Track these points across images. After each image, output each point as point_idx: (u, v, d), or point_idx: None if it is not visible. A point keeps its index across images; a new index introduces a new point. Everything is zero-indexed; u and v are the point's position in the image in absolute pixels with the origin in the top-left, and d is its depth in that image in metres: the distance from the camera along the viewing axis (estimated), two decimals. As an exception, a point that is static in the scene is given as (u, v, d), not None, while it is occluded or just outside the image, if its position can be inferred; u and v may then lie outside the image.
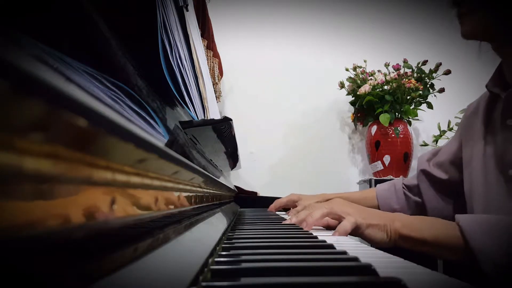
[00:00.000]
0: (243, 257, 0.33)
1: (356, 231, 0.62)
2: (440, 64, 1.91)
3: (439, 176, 0.90)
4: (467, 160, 0.80)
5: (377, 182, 1.82)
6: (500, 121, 0.71)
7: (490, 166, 0.72)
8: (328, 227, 0.71)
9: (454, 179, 0.87)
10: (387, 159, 1.90)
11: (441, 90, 1.93)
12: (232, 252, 0.36)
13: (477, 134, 0.78)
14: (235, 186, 1.41)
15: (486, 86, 0.76)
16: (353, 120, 2.04)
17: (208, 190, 0.55)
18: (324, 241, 0.45)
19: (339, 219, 0.63)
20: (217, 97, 1.70)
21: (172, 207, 0.31)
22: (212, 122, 0.53)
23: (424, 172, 0.94)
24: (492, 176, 0.71)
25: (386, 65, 1.98)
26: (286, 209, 1.17)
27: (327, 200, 0.83)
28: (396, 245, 0.62)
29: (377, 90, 1.90)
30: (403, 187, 0.99)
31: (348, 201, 0.70)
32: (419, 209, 0.95)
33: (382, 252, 0.43)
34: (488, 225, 0.55)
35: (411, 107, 1.93)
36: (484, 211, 0.72)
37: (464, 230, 0.55)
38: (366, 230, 0.61)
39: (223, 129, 0.59)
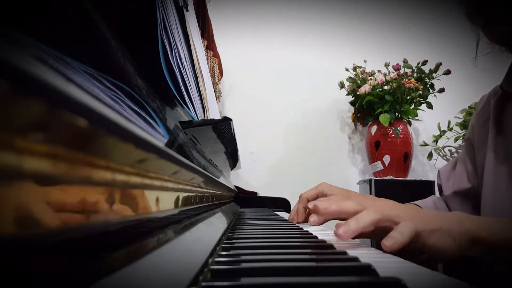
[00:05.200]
0: (243, 257, 0.33)
1: (415, 242, 0.46)
2: (440, 64, 1.91)
3: (463, 187, 0.79)
4: (480, 163, 0.76)
5: (377, 182, 1.82)
6: None
7: (501, 171, 0.69)
8: (363, 235, 0.52)
9: (476, 185, 0.77)
10: (387, 159, 1.90)
11: (441, 90, 1.93)
12: (232, 252, 0.36)
13: (489, 135, 0.74)
14: (235, 186, 1.41)
15: (501, 86, 0.74)
16: (353, 120, 2.04)
17: (208, 190, 0.55)
18: (324, 241, 0.45)
19: (391, 227, 0.47)
20: (217, 97, 1.70)
21: (172, 207, 0.31)
22: (212, 122, 0.53)
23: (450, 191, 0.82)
24: (502, 181, 0.68)
25: (386, 65, 1.98)
26: None
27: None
28: (467, 253, 0.47)
29: (377, 90, 1.90)
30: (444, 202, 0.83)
31: (392, 201, 0.56)
32: None
33: (382, 252, 0.43)
34: None
35: (411, 107, 1.93)
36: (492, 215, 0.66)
37: None
38: (430, 239, 0.46)
39: (223, 129, 0.59)
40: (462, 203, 0.79)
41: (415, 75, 1.94)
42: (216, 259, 0.31)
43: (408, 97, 1.90)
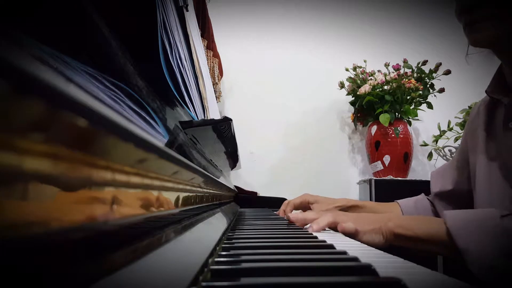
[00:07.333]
0: (243, 257, 0.33)
1: (354, 237, 0.64)
2: (440, 64, 1.91)
3: (445, 188, 0.88)
4: (473, 168, 0.79)
5: (377, 182, 1.82)
6: (502, 127, 0.70)
7: (494, 173, 0.70)
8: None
9: (460, 188, 0.85)
10: (387, 159, 1.90)
11: (441, 90, 1.93)
12: (232, 252, 0.35)
13: (479, 140, 0.77)
14: (235, 186, 1.41)
15: (486, 92, 0.75)
16: (353, 120, 2.04)
17: (208, 190, 0.55)
18: (324, 241, 0.45)
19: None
20: (217, 97, 1.70)
21: (172, 207, 0.31)
22: (212, 122, 0.53)
23: (434, 192, 0.91)
24: (496, 183, 0.70)
25: (386, 65, 1.98)
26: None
27: (346, 206, 0.89)
28: (392, 244, 0.63)
29: (377, 90, 1.90)
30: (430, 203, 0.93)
31: (348, 213, 0.75)
32: None
33: (382, 252, 0.43)
34: (474, 222, 0.55)
35: (411, 107, 1.93)
36: None
37: (450, 228, 0.56)
38: (364, 236, 0.64)
39: (223, 129, 0.59)
40: (446, 204, 0.88)
41: (415, 75, 1.94)
42: (216, 259, 0.31)
43: (408, 97, 1.89)
